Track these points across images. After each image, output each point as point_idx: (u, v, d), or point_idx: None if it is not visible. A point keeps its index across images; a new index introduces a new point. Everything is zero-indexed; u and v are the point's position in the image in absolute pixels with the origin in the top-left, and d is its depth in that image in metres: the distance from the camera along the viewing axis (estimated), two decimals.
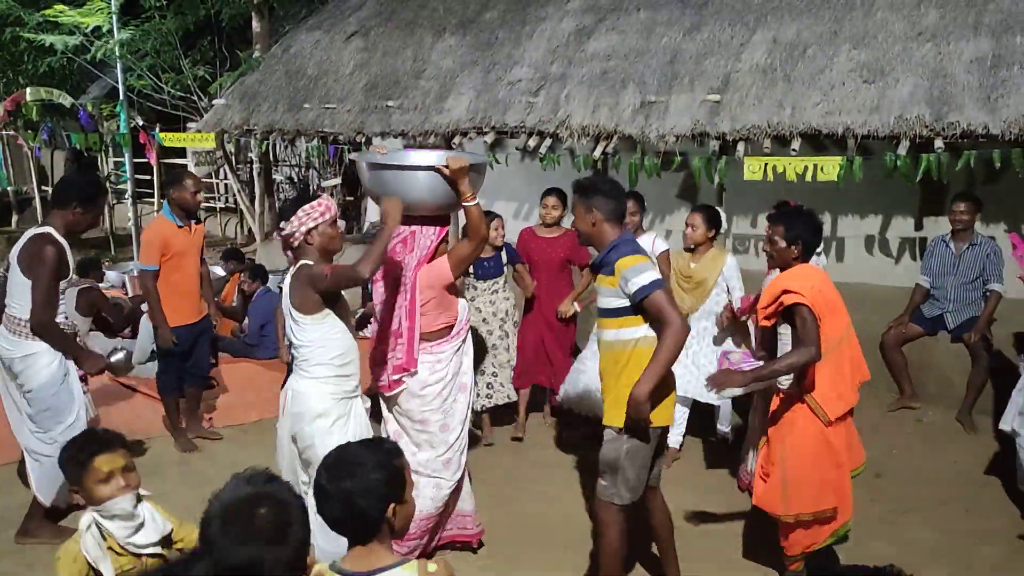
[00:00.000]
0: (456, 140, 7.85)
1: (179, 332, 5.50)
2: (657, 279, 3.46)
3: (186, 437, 5.78)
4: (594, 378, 4.27)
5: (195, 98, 12.25)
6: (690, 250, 5.43)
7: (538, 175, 7.58)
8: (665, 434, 3.72)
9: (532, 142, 7.43)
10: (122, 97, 11.96)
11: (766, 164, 6.30)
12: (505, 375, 5.81)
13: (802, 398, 3.71)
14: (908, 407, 6.24)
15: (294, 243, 3.63)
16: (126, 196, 12.16)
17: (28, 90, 12.66)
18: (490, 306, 5.76)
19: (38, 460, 4.27)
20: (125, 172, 12.36)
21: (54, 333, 4.18)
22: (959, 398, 6.00)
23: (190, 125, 11.00)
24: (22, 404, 4.28)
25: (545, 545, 4.42)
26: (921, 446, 5.68)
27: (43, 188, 16.41)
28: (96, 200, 4.36)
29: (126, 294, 8.34)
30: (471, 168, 3.87)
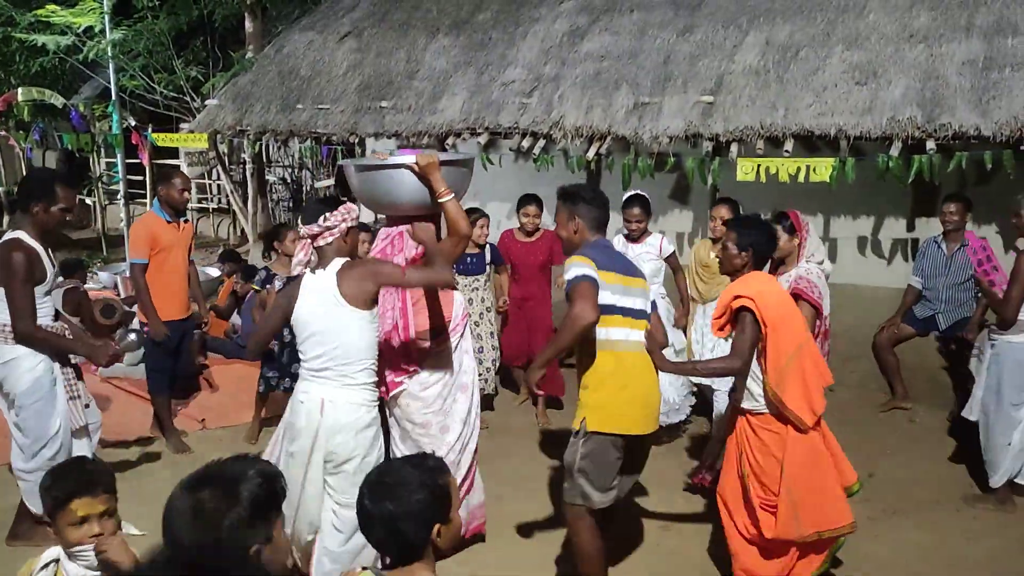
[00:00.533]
0: (450, 141, 7.84)
1: (166, 327, 5.49)
2: (586, 274, 3.41)
3: (178, 438, 5.76)
4: None
5: (188, 98, 12.22)
6: (716, 240, 5.38)
7: (531, 176, 7.58)
8: (638, 446, 3.60)
9: (525, 143, 7.43)
10: (114, 97, 11.90)
11: (759, 165, 6.32)
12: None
13: (781, 418, 3.56)
14: (900, 407, 6.27)
15: (328, 239, 3.49)
16: (118, 197, 12.12)
17: (20, 90, 12.60)
18: (468, 305, 5.75)
19: (21, 479, 4.20)
20: (117, 173, 12.31)
21: (39, 339, 4.06)
22: (951, 398, 6.03)
23: (183, 126, 10.97)
24: (9, 414, 4.19)
25: (540, 542, 4.41)
26: (913, 446, 5.70)
27: None
28: (52, 190, 4.04)
29: (118, 295, 8.30)
30: (449, 164, 3.82)
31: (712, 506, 4.74)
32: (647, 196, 5.85)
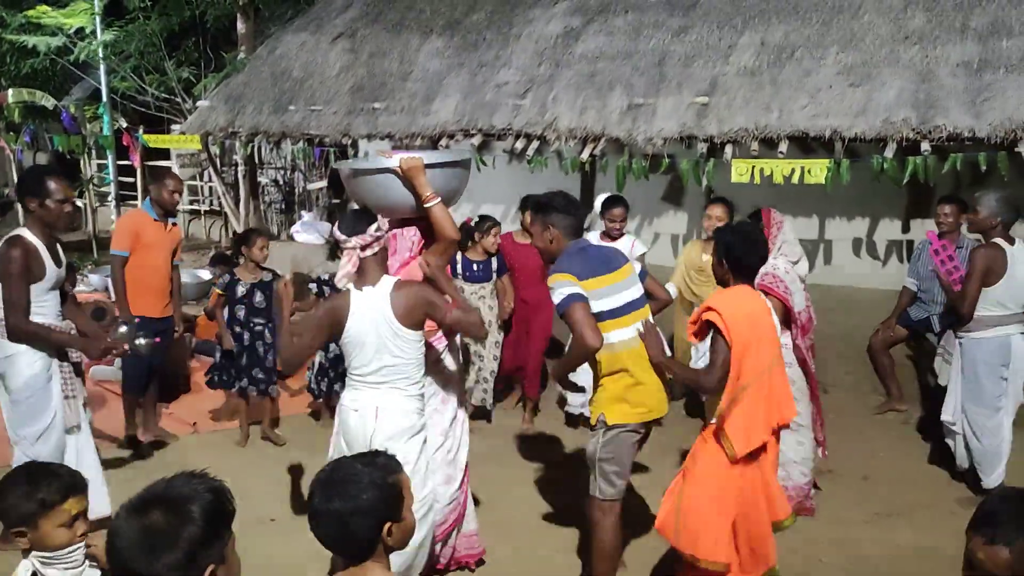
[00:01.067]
0: (443, 142, 7.82)
1: (141, 322, 5.40)
2: (571, 293, 3.46)
3: (153, 435, 5.81)
4: None
5: (179, 100, 12.17)
6: (706, 240, 5.35)
7: (525, 178, 7.56)
8: (646, 432, 3.69)
9: (519, 144, 7.41)
10: (105, 99, 11.87)
11: (753, 167, 6.31)
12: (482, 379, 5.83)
13: (715, 431, 3.44)
14: (895, 409, 6.25)
15: (376, 249, 3.45)
16: (109, 198, 12.07)
17: (10, 92, 12.55)
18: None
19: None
20: (108, 175, 12.26)
21: (31, 333, 4.09)
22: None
23: (174, 127, 10.94)
24: (7, 408, 4.24)
25: (537, 547, 4.39)
26: (908, 448, 5.69)
27: None
28: (43, 184, 4.09)
29: (109, 298, 8.24)
30: (442, 167, 3.78)
31: None
32: (624, 197, 5.90)
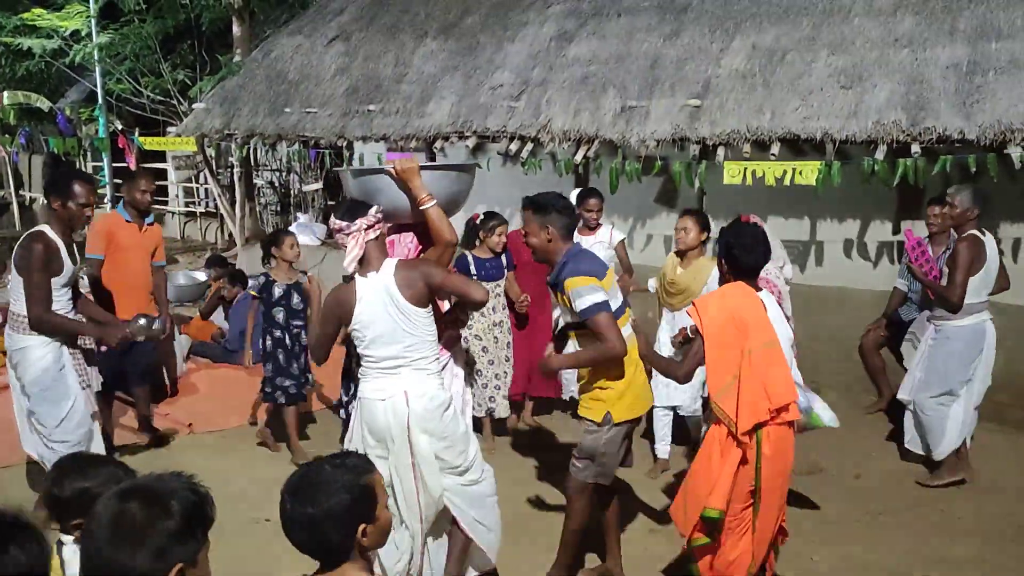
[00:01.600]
0: (438, 144, 7.85)
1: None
2: (600, 301, 3.52)
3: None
4: None
5: (175, 102, 12.19)
6: (680, 255, 5.30)
7: (520, 180, 7.59)
8: (633, 426, 3.87)
9: (514, 146, 7.45)
10: (101, 101, 11.87)
11: (746, 168, 6.35)
12: (493, 386, 5.77)
13: (717, 421, 3.50)
14: (886, 410, 6.29)
15: (379, 231, 3.48)
16: (105, 201, 12.06)
17: (5, 94, 12.56)
18: (490, 314, 5.64)
19: (53, 450, 4.32)
20: (104, 177, 12.26)
21: (52, 323, 4.29)
22: None
23: (170, 129, 10.94)
24: (24, 401, 4.42)
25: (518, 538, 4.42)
26: (898, 448, 5.73)
27: (20, 193, 16.27)
28: (69, 187, 4.29)
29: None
30: (440, 168, 3.80)
31: None
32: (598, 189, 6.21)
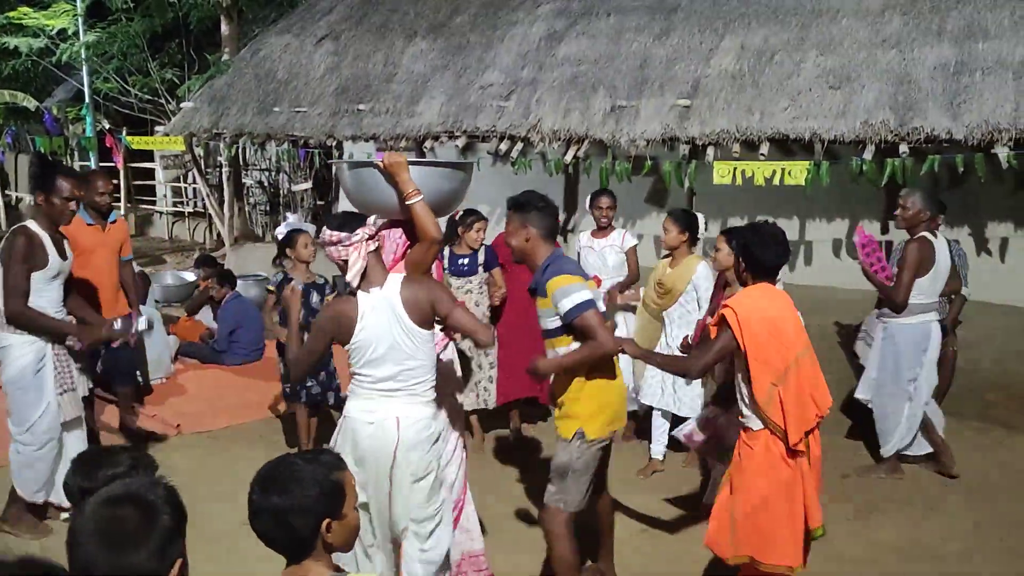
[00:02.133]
0: (428, 144, 7.84)
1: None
2: (587, 300, 3.41)
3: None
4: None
5: (163, 101, 12.13)
6: (668, 256, 5.32)
7: (510, 179, 7.59)
8: (608, 445, 3.68)
9: (504, 146, 7.45)
10: (88, 100, 11.81)
11: (735, 168, 6.37)
12: (486, 379, 5.77)
13: (758, 437, 3.40)
14: None
15: (378, 242, 3.39)
16: None
17: None
18: (473, 309, 5.67)
19: (17, 450, 4.33)
20: None
21: (30, 318, 4.21)
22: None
23: (158, 128, 10.91)
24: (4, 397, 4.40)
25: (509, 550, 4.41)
26: None
27: (6, 192, 16.16)
28: (50, 180, 4.19)
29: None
30: (441, 168, 3.75)
31: (688, 509, 4.78)
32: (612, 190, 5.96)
